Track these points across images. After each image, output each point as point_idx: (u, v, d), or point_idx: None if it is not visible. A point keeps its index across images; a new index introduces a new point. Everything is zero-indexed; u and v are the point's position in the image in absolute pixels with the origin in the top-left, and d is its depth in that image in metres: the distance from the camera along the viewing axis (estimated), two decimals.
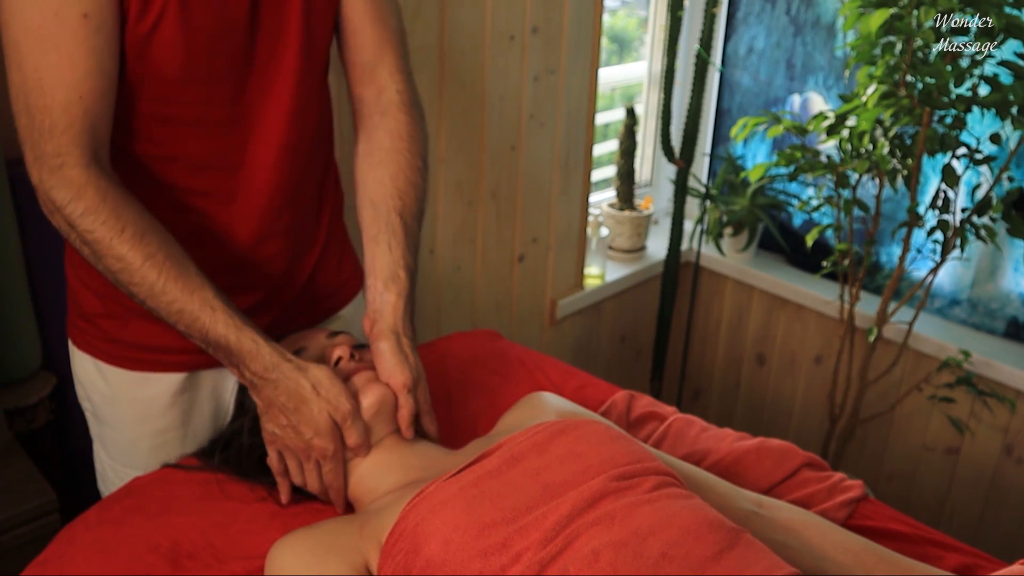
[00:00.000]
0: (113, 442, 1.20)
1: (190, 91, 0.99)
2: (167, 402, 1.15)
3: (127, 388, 1.14)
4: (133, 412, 1.16)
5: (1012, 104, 1.61)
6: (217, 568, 0.99)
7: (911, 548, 1.07)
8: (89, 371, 1.16)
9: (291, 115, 1.06)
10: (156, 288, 0.95)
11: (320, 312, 1.25)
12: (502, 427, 1.11)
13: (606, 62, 2.43)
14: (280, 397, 0.99)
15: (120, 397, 1.15)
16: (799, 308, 2.39)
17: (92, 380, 1.16)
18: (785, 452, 1.22)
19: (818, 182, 2.21)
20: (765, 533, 0.98)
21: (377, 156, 1.12)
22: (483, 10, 1.77)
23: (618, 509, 0.86)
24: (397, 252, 1.07)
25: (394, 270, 1.07)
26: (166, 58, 0.96)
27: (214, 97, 1.01)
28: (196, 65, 0.97)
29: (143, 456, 1.17)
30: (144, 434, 1.17)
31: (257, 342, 0.98)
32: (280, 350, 1.00)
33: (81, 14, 0.89)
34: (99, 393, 1.17)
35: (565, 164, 2.09)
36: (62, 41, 0.90)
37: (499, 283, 2.06)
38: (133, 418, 1.16)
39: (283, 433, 1.01)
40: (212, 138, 1.04)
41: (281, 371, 0.98)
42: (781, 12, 2.29)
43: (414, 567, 0.87)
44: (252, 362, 0.98)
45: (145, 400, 1.15)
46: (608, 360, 2.50)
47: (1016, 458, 2.08)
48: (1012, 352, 2.06)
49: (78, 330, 1.15)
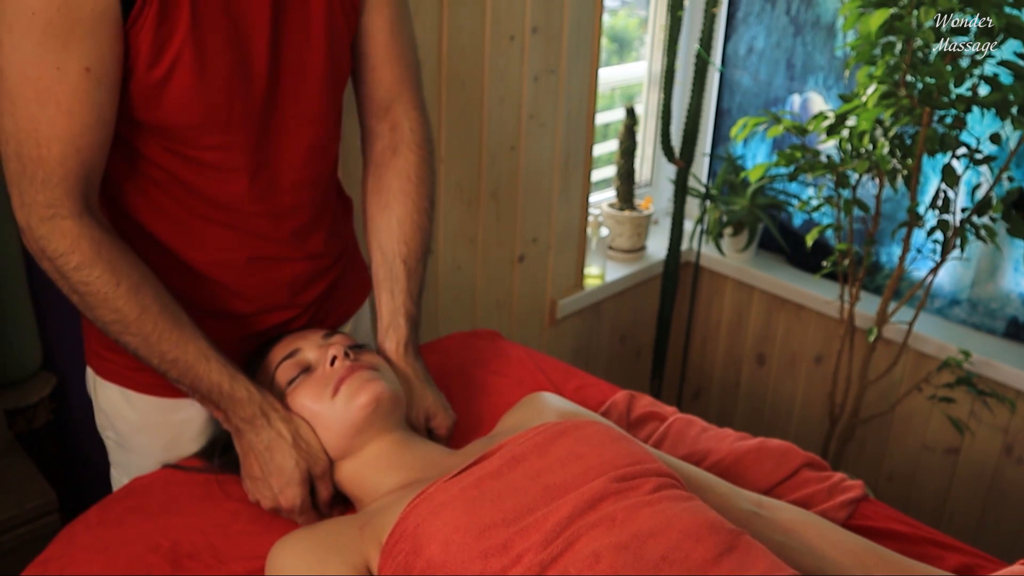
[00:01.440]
0: (137, 469, 1.17)
1: (208, 138, 0.98)
2: (200, 426, 1.15)
3: (157, 415, 1.13)
4: (165, 439, 1.15)
5: (1012, 104, 1.61)
6: (217, 568, 0.99)
7: (911, 548, 1.07)
8: (115, 400, 1.14)
9: (313, 151, 1.07)
10: (151, 339, 0.96)
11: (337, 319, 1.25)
12: (503, 428, 1.11)
13: (606, 62, 2.43)
14: (259, 444, 1.01)
15: (150, 425, 1.14)
16: (799, 308, 2.39)
17: (118, 409, 1.14)
18: (785, 452, 1.22)
19: (818, 182, 2.21)
20: (765, 534, 0.98)
21: (386, 197, 1.15)
22: (483, 10, 1.77)
23: (619, 511, 0.87)
24: (399, 299, 1.14)
25: (394, 318, 1.14)
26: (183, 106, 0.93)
27: (235, 143, 1.00)
28: (214, 112, 0.95)
29: None
30: (172, 459, 1.16)
31: (250, 391, 1.01)
32: (271, 401, 1.02)
33: (83, 68, 0.86)
34: (126, 422, 1.14)
35: (565, 164, 2.09)
36: (62, 95, 0.86)
37: (499, 283, 2.06)
38: (164, 445, 1.15)
39: (253, 487, 1.04)
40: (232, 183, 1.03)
41: (268, 419, 1.01)
42: (781, 12, 2.29)
43: (415, 568, 0.87)
44: (241, 409, 1.00)
45: (176, 425, 1.14)
46: (608, 360, 2.50)
47: (1016, 458, 2.08)
48: (1012, 352, 2.06)
49: (101, 359, 1.13)
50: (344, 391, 1.02)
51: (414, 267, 1.14)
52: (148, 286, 0.96)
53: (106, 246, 0.93)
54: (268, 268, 1.10)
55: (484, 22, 1.78)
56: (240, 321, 1.11)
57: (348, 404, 1.02)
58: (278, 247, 1.10)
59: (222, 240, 1.06)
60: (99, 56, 0.86)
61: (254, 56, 0.96)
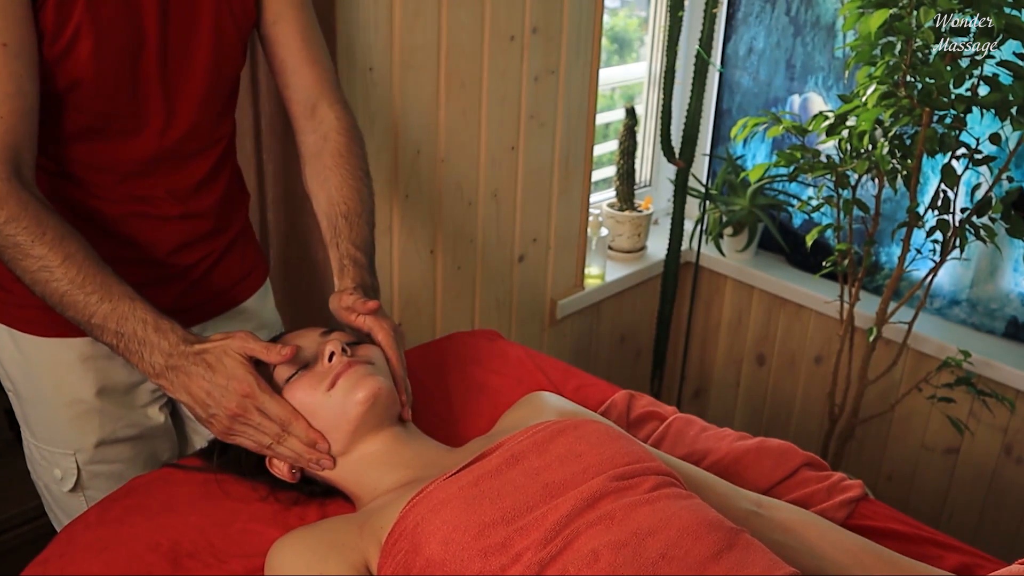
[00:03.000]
0: (35, 420, 1.22)
1: (98, 103, 1.05)
2: (81, 369, 1.17)
3: (41, 356, 1.16)
4: (49, 382, 1.18)
5: (1012, 104, 1.61)
6: (217, 567, 0.99)
7: (911, 548, 1.07)
8: (5, 342, 1.18)
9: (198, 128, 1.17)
10: (75, 283, 0.98)
11: (224, 303, 1.30)
12: (502, 426, 1.11)
13: (606, 62, 2.43)
14: (196, 368, 1.00)
15: (35, 367, 1.17)
16: (799, 308, 2.39)
17: (9, 352, 1.18)
18: (785, 452, 1.22)
19: (818, 182, 2.21)
20: (764, 533, 0.98)
21: (323, 175, 1.23)
22: (483, 10, 1.77)
23: (618, 509, 0.87)
24: (343, 248, 1.18)
25: (342, 264, 1.17)
26: (79, 74, 1.01)
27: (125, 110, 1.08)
28: (104, 80, 1.03)
29: (64, 430, 1.19)
30: (61, 405, 1.19)
31: (174, 327, 1.01)
32: (195, 336, 1.03)
33: (0, 44, 0.94)
34: (16, 365, 1.19)
35: (565, 164, 2.09)
36: None
37: (499, 283, 2.06)
38: (50, 389, 1.18)
39: (210, 403, 1.00)
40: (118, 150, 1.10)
41: (193, 348, 1.00)
42: (781, 12, 2.29)
43: (414, 566, 0.87)
44: (166, 343, 1.00)
45: (60, 367, 1.17)
46: (608, 360, 2.50)
47: (1015, 458, 2.08)
48: (1012, 352, 2.06)
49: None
50: (341, 385, 1.02)
51: (355, 221, 1.20)
52: (73, 239, 1.00)
53: (33, 204, 0.98)
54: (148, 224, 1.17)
55: (484, 22, 1.78)
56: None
57: (345, 399, 1.01)
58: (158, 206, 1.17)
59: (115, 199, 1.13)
60: (16, 34, 0.95)
61: (145, 30, 1.05)
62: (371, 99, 1.64)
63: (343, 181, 1.22)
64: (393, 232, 1.78)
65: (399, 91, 1.68)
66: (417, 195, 1.79)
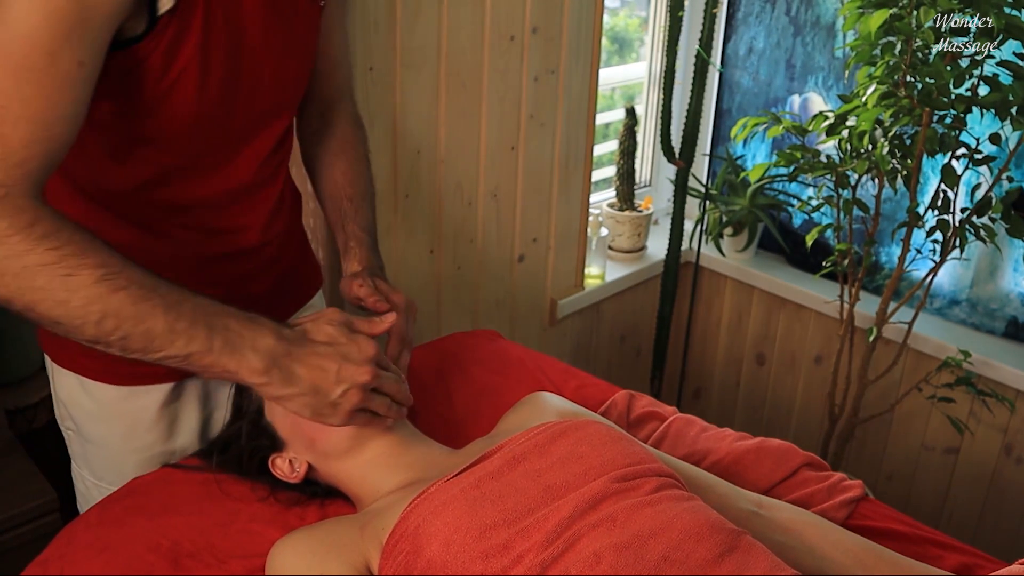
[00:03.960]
0: (98, 460, 1.18)
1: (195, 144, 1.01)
2: (154, 415, 1.15)
3: (113, 403, 1.13)
4: (120, 428, 1.15)
5: (1012, 104, 1.61)
6: (217, 567, 0.99)
7: (911, 548, 1.07)
8: (72, 389, 1.14)
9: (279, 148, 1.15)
10: (146, 284, 0.85)
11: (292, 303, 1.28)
12: (503, 428, 1.11)
13: (606, 62, 2.43)
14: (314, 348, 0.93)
15: (106, 413, 1.14)
16: (799, 308, 2.39)
17: (75, 398, 1.14)
18: (785, 452, 1.22)
19: (818, 182, 2.21)
20: (765, 533, 0.98)
21: (327, 159, 1.25)
22: (483, 10, 1.77)
23: (619, 511, 0.87)
24: (349, 229, 1.20)
25: (348, 245, 1.20)
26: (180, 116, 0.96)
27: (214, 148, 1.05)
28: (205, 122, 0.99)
29: (130, 472, 1.16)
30: (130, 450, 1.16)
31: (263, 318, 0.92)
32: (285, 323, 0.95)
33: (77, 61, 0.82)
34: (83, 411, 1.15)
35: (565, 164, 2.09)
36: (46, 80, 0.82)
37: (499, 283, 2.06)
38: (120, 434, 1.15)
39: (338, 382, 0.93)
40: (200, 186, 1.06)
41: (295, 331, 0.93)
42: (781, 12, 2.29)
43: (415, 568, 0.87)
44: (268, 331, 0.91)
45: (132, 414, 1.14)
46: (608, 360, 2.50)
47: (1015, 458, 2.08)
48: (1012, 352, 2.06)
49: (56, 346, 1.12)
50: None
51: (360, 204, 1.23)
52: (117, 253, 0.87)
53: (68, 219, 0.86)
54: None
55: (484, 22, 1.78)
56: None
57: None
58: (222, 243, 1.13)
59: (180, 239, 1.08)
60: (94, 55, 0.84)
61: (246, 71, 1.01)
62: (371, 99, 1.64)
63: (349, 166, 1.24)
64: (393, 232, 1.78)
65: (399, 91, 1.68)
66: (417, 195, 1.79)
